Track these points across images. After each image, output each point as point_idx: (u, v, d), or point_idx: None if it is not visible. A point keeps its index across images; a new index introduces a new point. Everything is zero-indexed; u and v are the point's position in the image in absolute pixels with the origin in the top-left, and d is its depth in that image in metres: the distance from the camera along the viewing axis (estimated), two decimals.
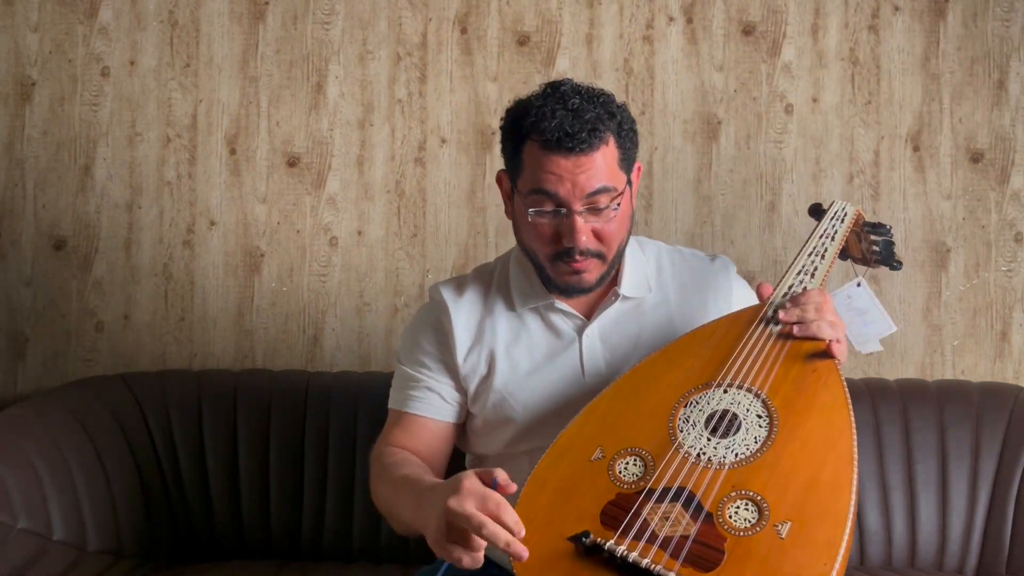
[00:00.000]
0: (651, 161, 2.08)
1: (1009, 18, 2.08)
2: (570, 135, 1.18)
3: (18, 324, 2.06)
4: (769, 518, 0.96)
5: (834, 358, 1.14)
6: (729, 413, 1.08)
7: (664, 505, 0.99)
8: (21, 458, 1.55)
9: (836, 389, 1.10)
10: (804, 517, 0.95)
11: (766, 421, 1.07)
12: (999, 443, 1.77)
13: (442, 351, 1.35)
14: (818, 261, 1.29)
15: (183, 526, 1.78)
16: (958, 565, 1.75)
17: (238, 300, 2.07)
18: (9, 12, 2.06)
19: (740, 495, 0.99)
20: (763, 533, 0.94)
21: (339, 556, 1.78)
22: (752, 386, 1.11)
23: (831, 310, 1.18)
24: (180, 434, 1.80)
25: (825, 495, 0.97)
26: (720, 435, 1.06)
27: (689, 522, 0.97)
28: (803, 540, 0.93)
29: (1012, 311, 2.06)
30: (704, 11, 2.08)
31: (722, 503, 0.98)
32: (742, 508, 0.97)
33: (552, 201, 1.21)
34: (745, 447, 1.04)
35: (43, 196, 2.06)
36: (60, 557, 1.50)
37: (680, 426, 1.09)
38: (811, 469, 1.00)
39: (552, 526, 1.01)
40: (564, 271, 1.26)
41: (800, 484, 0.99)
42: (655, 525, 0.97)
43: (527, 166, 1.24)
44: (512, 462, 1.31)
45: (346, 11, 2.08)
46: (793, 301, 1.19)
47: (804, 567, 0.91)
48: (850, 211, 1.39)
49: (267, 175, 2.08)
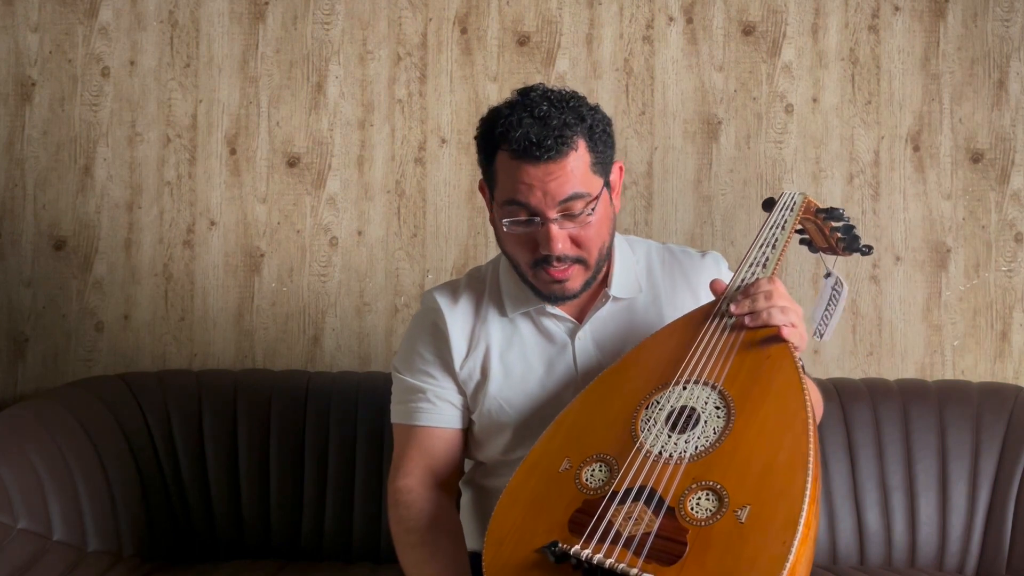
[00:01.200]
0: (651, 161, 2.08)
1: (1009, 18, 2.08)
2: (536, 143, 1.16)
3: (18, 324, 2.06)
4: (729, 505, 0.96)
5: (787, 342, 1.13)
6: (688, 408, 1.09)
7: (627, 505, 1.00)
8: (21, 458, 1.55)
9: (790, 372, 1.09)
10: (762, 500, 0.96)
11: (724, 412, 1.08)
12: (999, 443, 1.77)
13: (442, 357, 1.34)
14: (768, 251, 1.28)
15: (183, 526, 1.78)
16: (958, 565, 1.75)
17: (238, 300, 2.07)
18: (9, 12, 2.06)
19: (700, 486, 0.99)
20: (723, 520, 0.95)
21: (339, 556, 1.78)
22: (709, 379, 1.12)
23: (781, 296, 1.16)
24: (180, 434, 1.80)
25: (781, 476, 0.98)
26: (680, 431, 1.07)
27: (651, 518, 0.98)
28: (761, 522, 0.94)
29: (1012, 311, 2.06)
30: (704, 11, 2.08)
31: (683, 496, 0.99)
32: (703, 499, 0.98)
33: (526, 211, 1.20)
34: (704, 439, 1.05)
35: (43, 196, 2.06)
36: (60, 557, 1.50)
37: (642, 427, 1.10)
38: (768, 453, 1.01)
39: (525, 540, 1.02)
40: (545, 279, 1.25)
41: (757, 469, 0.99)
42: (619, 525, 0.98)
43: (500, 177, 1.23)
44: (509, 469, 1.31)
45: (346, 11, 2.08)
46: (744, 292, 1.19)
47: (762, 548, 0.91)
48: (798, 198, 1.36)
49: (267, 175, 2.08)
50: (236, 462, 1.80)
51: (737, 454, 1.02)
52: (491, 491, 1.34)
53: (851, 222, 1.35)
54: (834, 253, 1.40)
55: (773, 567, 0.89)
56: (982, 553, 1.74)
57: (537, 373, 1.31)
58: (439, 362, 1.34)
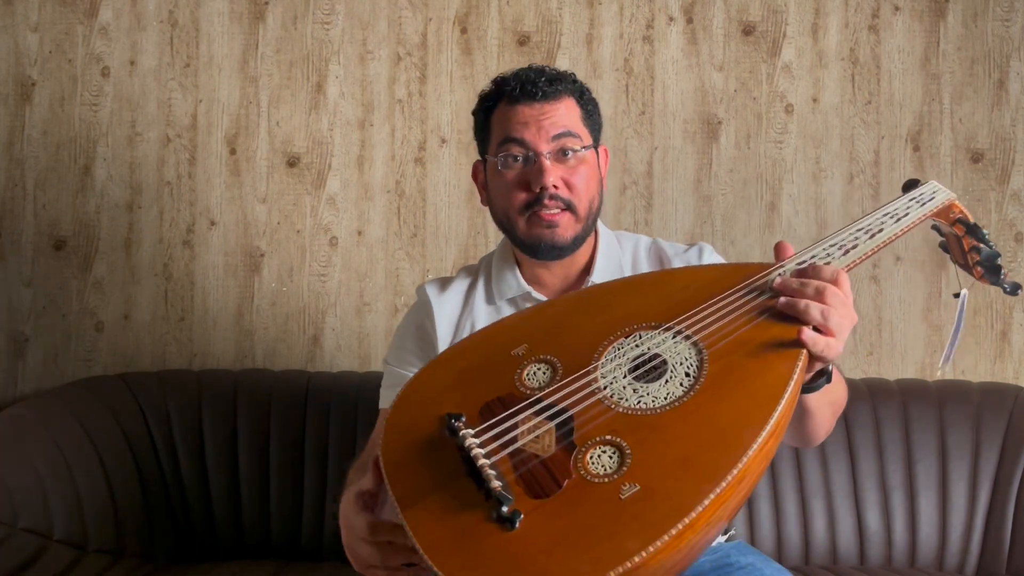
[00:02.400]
0: (651, 161, 2.08)
1: (1009, 18, 2.08)
2: (532, 82, 1.27)
3: (18, 324, 2.06)
4: (623, 475, 0.88)
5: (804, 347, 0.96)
6: (659, 359, 1.00)
7: (539, 420, 0.95)
8: (21, 458, 1.55)
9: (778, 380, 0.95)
10: (653, 488, 0.87)
11: (689, 382, 0.97)
12: (999, 443, 1.77)
13: (427, 344, 1.36)
14: (863, 238, 1.08)
15: (183, 526, 1.78)
16: (958, 565, 1.75)
17: (238, 300, 2.07)
18: (9, 12, 2.06)
19: (611, 441, 0.92)
20: (608, 486, 0.88)
21: (339, 556, 1.77)
22: (700, 341, 1.00)
23: (836, 298, 0.97)
24: (180, 434, 1.80)
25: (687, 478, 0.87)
26: (636, 378, 0.98)
27: (550, 445, 0.92)
28: (638, 509, 0.85)
29: (1012, 311, 2.06)
30: (704, 11, 2.08)
31: (591, 441, 0.92)
32: (605, 455, 0.91)
33: (520, 147, 1.26)
34: (652, 400, 0.96)
35: (43, 196, 2.06)
36: (60, 557, 1.50)
37: (607, 355, 1.02)
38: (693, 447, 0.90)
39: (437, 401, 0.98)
40: (537, 224, 1.27)
41: (673, 457, 0.90)
42: (519, 433, 0.93)
43: (495, 127, 1.30)
44: None
45: (346, 11, 2.08)
46: (801, 272, 1.02)
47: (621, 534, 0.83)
48: (940, 196, 1.15)
49: (267, 175, 2.08)
50: (236, 462, 1.80)
51: (666, 431, 0.93)
52: None
53: (996, 249, 1.17)
54: (968, 271, 1.23)
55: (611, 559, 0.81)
56: (982, 553, 1.74)
57: None
58: (425, 352, 1.35)
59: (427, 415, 0.97)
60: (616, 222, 2.06)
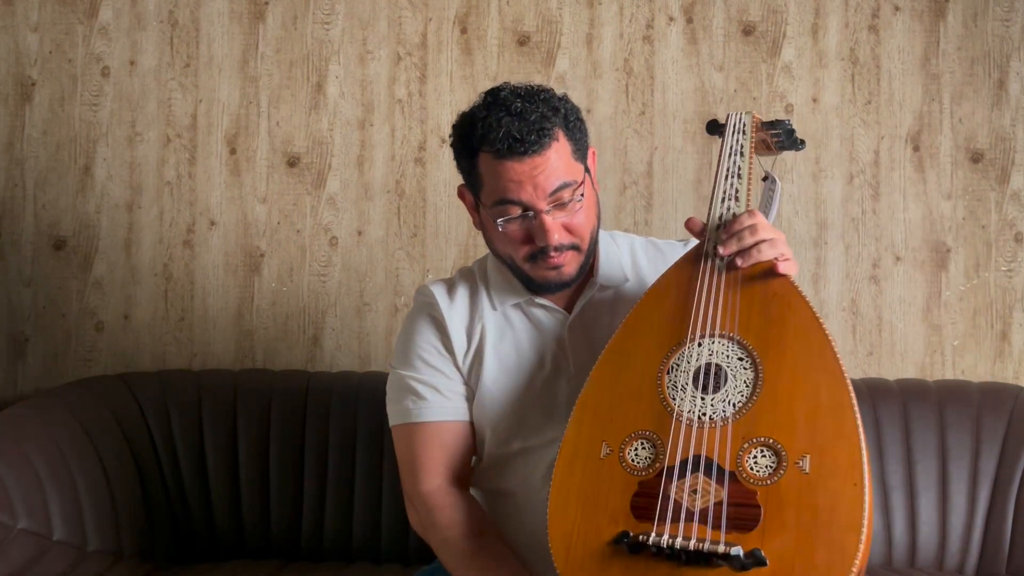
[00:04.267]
0: (651, 161, 2.08)
1: (1009, 18, 2.08)
2: (519, 139, 1.18)
3: (18, 324, 2.06)
4: (788, 458, 0.95)
5: (786, 276, 1.12)
6: (712, 365, 1.06)
7: (687, 479, 0.98)
8: (21, 458, 1.54)
9: (801, 308, 1.07)
10: (820, 445, 0.95)
11: (749, 362, 1.05)
12: (999, 443, 1.77)
13: (446, 348, 1.33)
14: (736, 181, 1.25)
15: (183, 526, 1.78)
16: (958, 565, 1.75)
17: (238, 300, 2.07)
18: (9, 12, 2.06)
19: (753, 443, 0.98)
20: (788, 474, 0.94)
21: (339, 556, 1.78)
22: (724, 331, 1.09)
23: (765, 227, 1.15)
24: (180, 434, 1.80)
25: (830, 418, 0.96)
26: (711, 390, 1.04)
27: (717, 488, 0.96)
28: (826, 468, 0.93)
29: (1012, 311, 2.06)
30: (704, 11, 2.08)
31: (739, 458, 0.97)
32: (759, 456, 0.97)
33: (518, 207, 1.22)
34: (739, 395, 1.03)
35: (43, 196, 2.06)
36: (60, 557, 1.50)
37: (671, 394, 1.07)
38: (809, 397, 0.99)
39: (592, 536, 1.00)
40: (542, 267, 1.26)
41: (804, 415, 0.98)
42: (686, 502, 0.96)
43: (486, 179, 1.24)
44: (505, 464, 1.31)
45: (346, 11, 2.08)
46: (726, 231, 1.17)
47: (836, 493, 0.91)
48: (747, 119, 1.31)
49: (267, 175, 2.08)
50: (236, 462, 1.80)
51: (779, 404, 1.00)
52: (498, 494, 1.33)
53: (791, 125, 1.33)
54: (770, 152, 1.39)
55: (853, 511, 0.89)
56: (982, 553, 1.74)
57: (530, 362, 1.32)
58: (442, 355, 1.33)
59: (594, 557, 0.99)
60: (616, 222, 2.06)
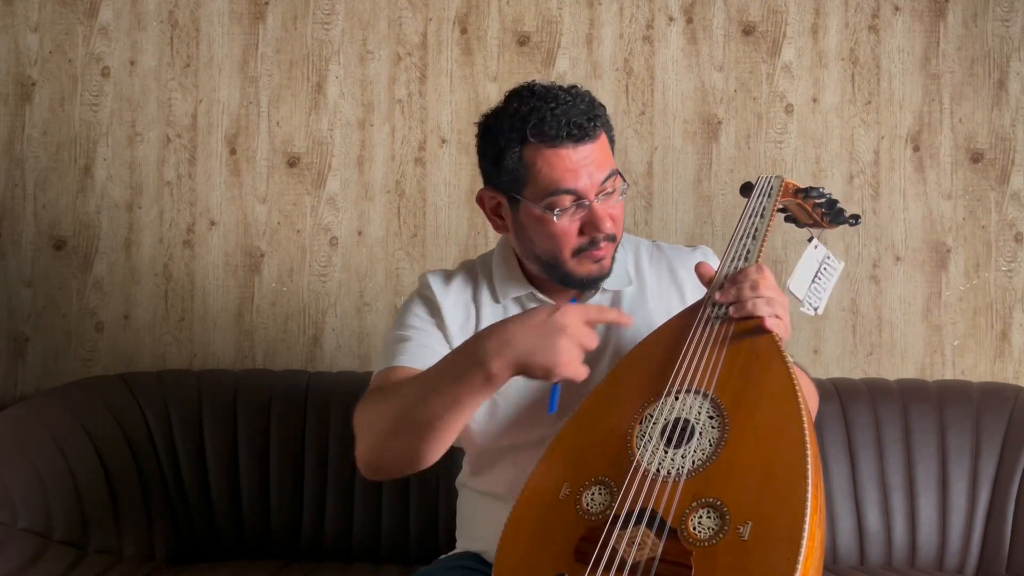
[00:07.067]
0: (651, 161, 2.08)
1: (1009, 18, 2.08)
2: (578, 124, 1.19)
3: (18, 324, 2.06)
4: (731, 522, 0.94)
5: (772, 335, 1.10)
6: (681, 420, 1.05)
7: (629, 530, 0.98)
8: (21, 458, 1.55)
9: (781, 373, 1.05)
10: (763, 514, 0.93)
11: (717, 421, 1.04)
12: (999, 443, 1.77)
13: (436, 324, 1.33)
14: (749, 242, 1.24)
15: (183, 526, 1.78)
16: (958, 565, 1.75)
17: (238, 300, 2.07)
18: (9, 12, 2.06)
19: (701, 503, 0.97)
20: (726, 539, 0.92)
21: (339, 556, 1.78)
22: (700, 387, 1.08)
23: (768, 286, 1.13)
24: (180, 434, 1.80)
25: (781, 488, 0.94)
26: (675, 445, 1.03)
27: (655, 542, 0.95)
28: (765, 538, 0.91)
29: (1012, 311, 2.06)
30: (704, 11, 2.08)
31: (684, 516, 0.96)
32: (704, 517, 0.95)
33: (572, 196, 1.21)
34: (701, 452, 1.01)
35: (43, 196, 2.06)
36: (60, 557, 1.50)
37: (637, 444, 1.06)
38: (765, 463, 0.98)
39: (533, 573, 1.00)
40: (587, 262, 1.25)
41: (756, 481, 0.96)
42: (623, 551, 0.96)
43: (536, 171, 1.22)
44: (495, 459, 1.31)
45: (346, 11, 2.08)
46: (730, 280, 1.16)
47: (768, 566, 0.89)
48: (775, 183, 1.32)
49: (267, 175, 2.08)
50: (236, 462, 1.80)
51: (735, 466, 0.99)
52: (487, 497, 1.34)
53: (832, 196, 1.33)
54: (819, 227, 1.38)
55: None
56: (982, 553, 1.74)
57: None
58: (431, 321, 1.33)
59: None
60: None
